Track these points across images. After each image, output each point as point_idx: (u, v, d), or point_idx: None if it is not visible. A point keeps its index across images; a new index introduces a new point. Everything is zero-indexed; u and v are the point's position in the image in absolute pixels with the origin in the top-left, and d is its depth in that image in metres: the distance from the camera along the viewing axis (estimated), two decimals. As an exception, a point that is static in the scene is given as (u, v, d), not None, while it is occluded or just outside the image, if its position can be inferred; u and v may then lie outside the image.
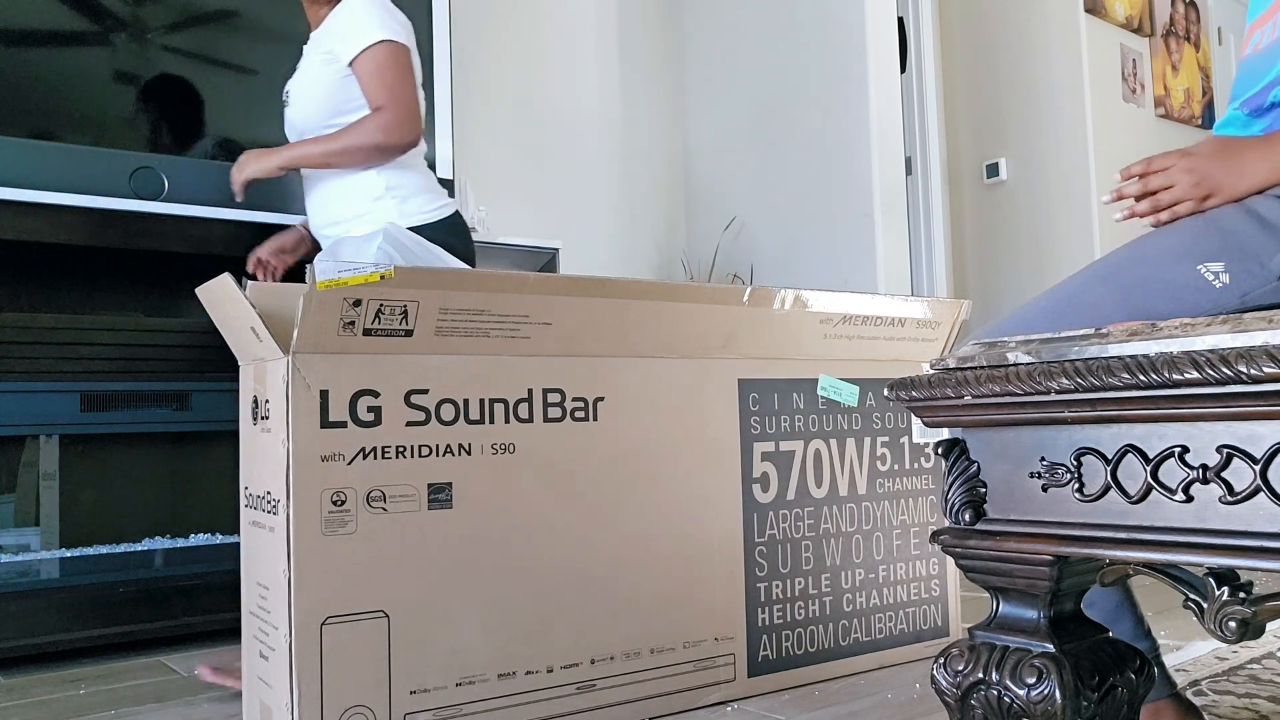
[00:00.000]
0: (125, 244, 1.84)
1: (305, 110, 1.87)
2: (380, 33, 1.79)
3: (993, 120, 3.91)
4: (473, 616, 1.33)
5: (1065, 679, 0.71)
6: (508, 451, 1.38)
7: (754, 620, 1.58)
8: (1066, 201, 3.71)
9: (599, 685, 1.43)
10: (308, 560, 1.23)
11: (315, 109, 1.85)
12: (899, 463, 1.76)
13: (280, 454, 1.25)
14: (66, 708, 1.64)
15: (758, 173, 3.46)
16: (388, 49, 1.80)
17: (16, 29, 2.14)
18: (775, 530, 1.61)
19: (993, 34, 3.91)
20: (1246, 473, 0.63)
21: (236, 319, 1.36)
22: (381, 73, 1.79)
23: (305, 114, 1.87)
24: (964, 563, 0.79)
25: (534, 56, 3.35)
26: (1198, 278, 1.05)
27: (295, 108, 1.89)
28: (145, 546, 2.18)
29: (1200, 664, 1.62)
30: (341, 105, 1.83)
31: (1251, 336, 0.62)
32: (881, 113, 3.14)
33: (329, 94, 1.83)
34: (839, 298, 1.64)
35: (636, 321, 1.47)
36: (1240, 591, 0.67)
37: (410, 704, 1.28)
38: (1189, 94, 4.29)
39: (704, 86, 3.66)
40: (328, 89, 1.83)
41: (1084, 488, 0.71)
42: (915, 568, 1.76)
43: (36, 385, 1.99)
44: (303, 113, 1.87)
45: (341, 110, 1.83)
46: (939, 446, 0.81)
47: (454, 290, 1.31)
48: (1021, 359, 0.73)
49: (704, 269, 3.56)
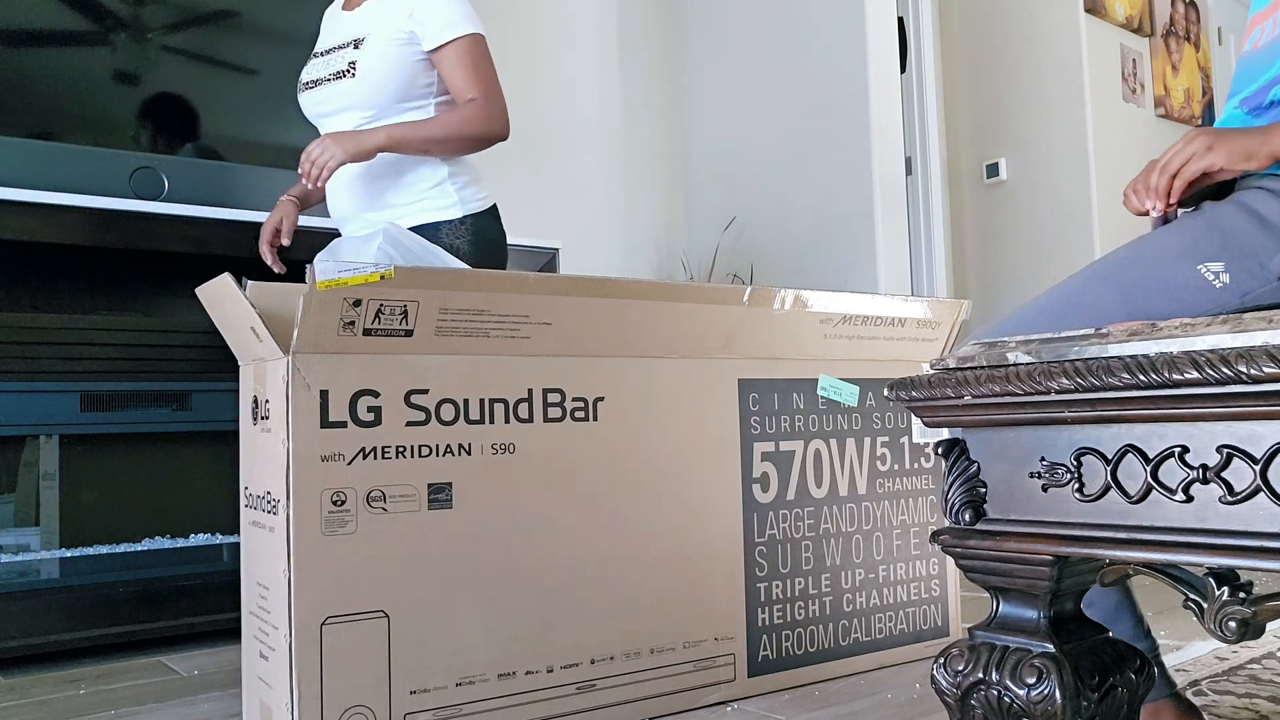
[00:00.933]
0: (125, 244, 1.84)
1: (373, 87, 1.81)
2: (471, 24, 1.81)
3: (993, 120, 3.91)
4: (473, 616, 1.33)
5: (1065, 679, 0.71)
6: (508, 451, 1.38)
7: (754, 620, 1.58)
8: (1066, 201, 3.71)
9: (599, 685, 1.43)
10: (308, 560, 1.23)
11: (387, 88, 1.81)
12: (899, 463, 1.76)
13: (280, 454, 1.25)
14: (66, 708, 1.63)
15: (758, 173, 3.46)
16: (479, 41, 1.82)
17: (16, 29, 2.14)
18: (775, 530, 1.61)
19: (993, 34, 3.91)
20: (1246, 473, 0.63)
21: (236, 319, 1.36)
22: (477, 65, 1.81)
23: (371, 92, 1.81)
24: (964, 563, 0.79)
25: (534, 56, 3.35)
26: (1198, 278, 1.05)
27: (362, 82, 1.81)
28: (145, 546, 2.19)
29: (1200, 664, 1.62)
30: (413, 89, 1.81)
31: (1251, 336, 0.62)
32: (881, 113, 3.14)
33: (405, 76, 1.80)
34: (839, 298, 1.64)
35: (636, 321, 1.47)
36: (1240, 591, 0.67)
37: (410, 704, 1.28)
38: (1189, 94, 4.29)
39: (704, 86, 3.66)
40: (406, 70, 1.80)
41: (1084, 488, 0.71)
42: (915, 568, 1.76)
43: (36, 385, 1.99)
44: (370, 90, 1.81)
45: (411, 94, 1.81)
46: (939, 446, 0.81)
47: (454, 290, 1.31)
48: (1021, 359, 0.73)
49: (704, 269, 3.56)
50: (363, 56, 1.82)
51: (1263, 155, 1.04)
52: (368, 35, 1.83)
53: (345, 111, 1.85)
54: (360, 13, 1.88)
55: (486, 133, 1.83)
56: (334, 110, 1.86)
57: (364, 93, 1.82)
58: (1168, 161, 1.09)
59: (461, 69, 1.80)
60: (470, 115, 1.80)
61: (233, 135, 2.37)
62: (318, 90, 1.88)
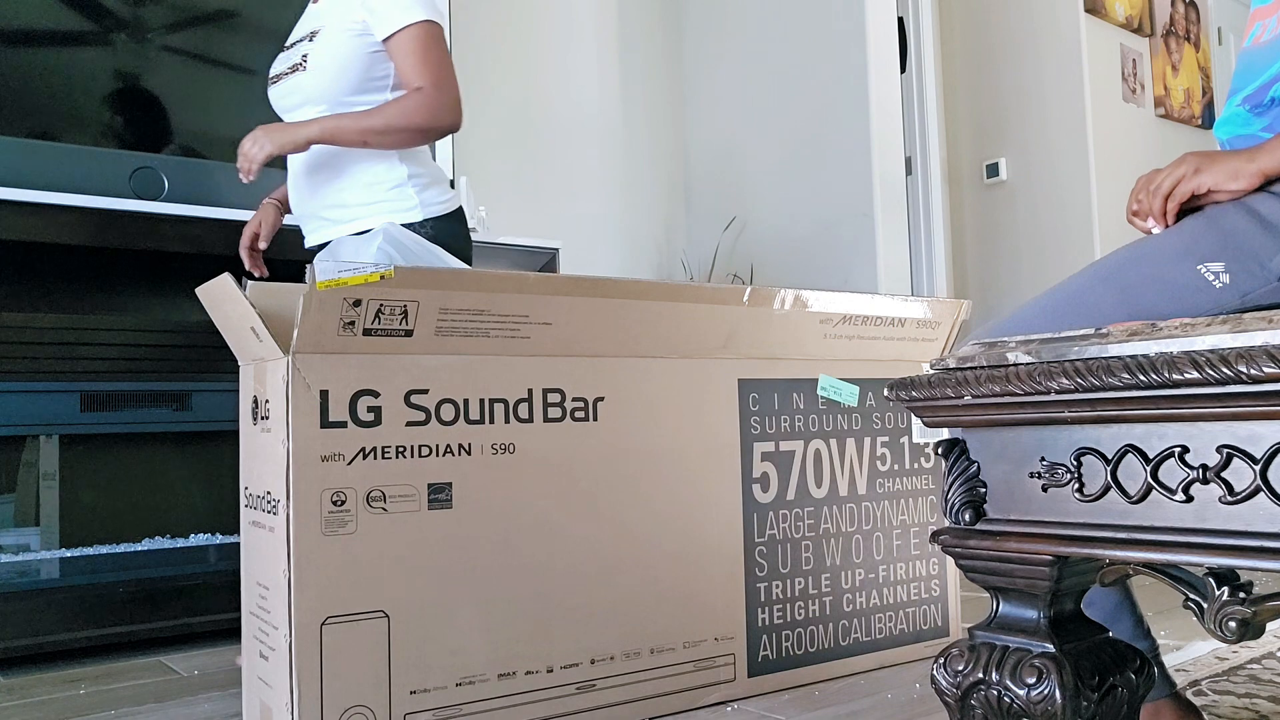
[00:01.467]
0: (125, 244, 1.84)
1: (326, 80, 1.77)
2: (424, 11, 1.75)
3: (993, 120, 3.91)
4: (473, 616, 1.33)
5: (1065, 679, 0.71)
6: (508, 451, 1.38)
7: (754, 620, 1.58)
8: (1066, 201, 3.71)
9: (599, 685, 1.43)
10: (308, 560, 1.23)
11: (340, 81, 1.76)
12: (899, 463, 1.76)
13: (280, 454, 1.25)
14: (66, 708, 1.64)
15: (758, 173, 3.46)
16: (431, 29, 1.75)
17: (16, 29, 2.14)
18: (775, 530, 1.61)
19: (993, 34, 3.91)
20: (1246, 473, 0.63)
21: (236, 319, 1.36)
22: (426, 53, 1.73)
23: (324, 85, 1.77)
24: (964, 563, 0.79)
25: (534, 56, 3.35)
26: (1198, 278, 1.05)
27: (314, 75, 1.77)
28: (145, 546, 2.19)
29: (1200, 664, 1.62)
30: (368, 81, 1.77)
31: (1251, 336, 0.62)
32: (881, 113, 3.14)
33: (359, 68, 1.76)
34: (839, 298, 1.64)
35: (636, 321, 1.47)
36: (1240, 591, 0.67)
37: (410, 704, 1.28)
38: (1189, 94, 4.29)
39: (704, 86, 3.66)
40: (359, 63, 1.76)
41: (1084, 488, 0.71)
42: (915, 568, 1.76)
43: (36, 385, 1.99)
44: (323, 83, 1.77)
45: (366, 87, 1.77)
46: (939, 446, 0.81)
47: (454, 290, 1.31)
48: (1021, 359, 0.73)
49: (704, 269, 3.56)
50: (314, 49, 1.77)
51: (1250, 174, 1.05)
52: (323, 28, 1.78)
53: (303, 106, 1.79)
54: (322, 4, 1.83)
55: (432, 123, 1.74)
56: (294, 105, 1.81)
57: (316, 86, 1.77)
58: (1159, 185, 1.10)
59: (411, 56, 1.73)
60: (415, 104, 1.72)
61: (233, 135, 2.35)
62: (280, 84, 1.84)
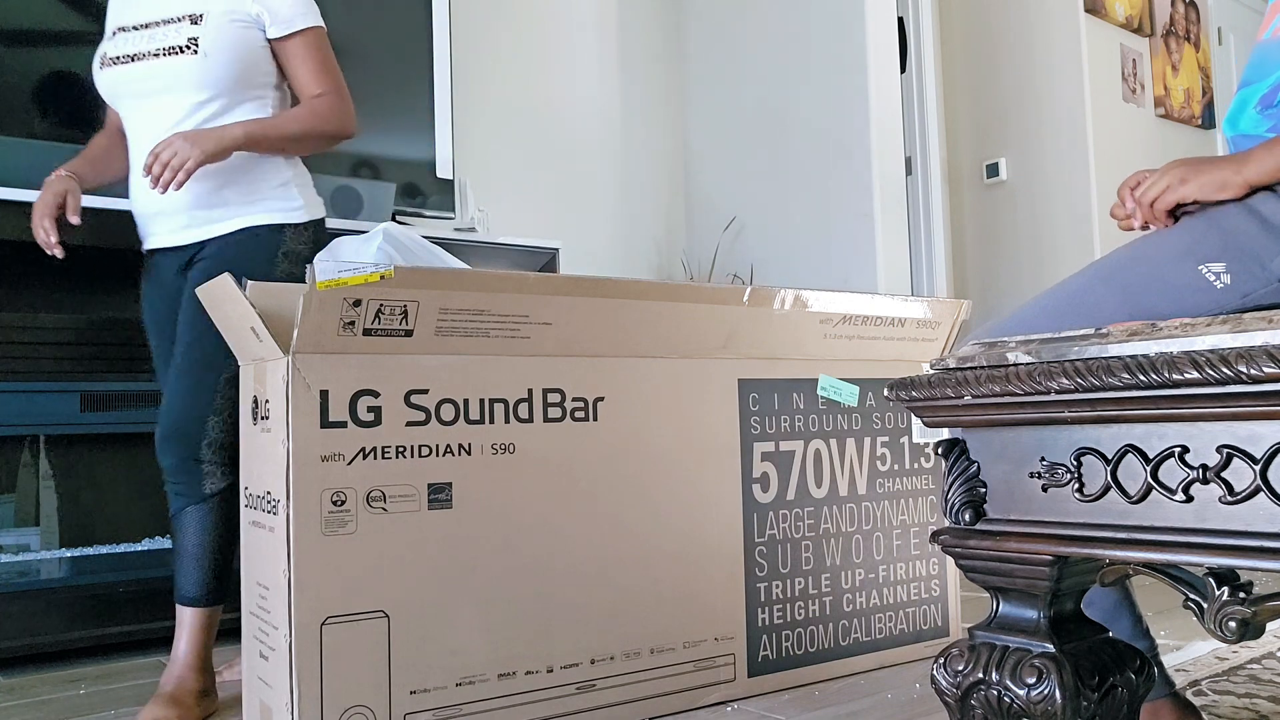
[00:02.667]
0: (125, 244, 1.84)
1: (219, 67, 1.67)
2: (317, 17, 1.75)
3: (993, 120, 3.91)
4: (473, 616, 1.33)
5: (1065, 679, 0.71)
6: (508, 451, 1.37)
7: (754, 620, 1.58)
8: (1066, 201, 3.71)
9: (599, 685, 1.43)
10: (308, 560, 1.23)
11: (232, 69, 1.69)
12: (899, 463, 1.76)
13: (280, 454, 1.25)
14: (66, 708, 1.63)
15: (758, 173, 3.46)
16: (323, 34, 1.75)
17: (16, 29, 2.14)
18: (775, 530, 1.61)
19: (993, 34, 3.91)
20: (1246, 473, 0.63)
21: (236, 319, 1.36)
22: (325, 59, 1.74)
23: (217, 71, 1.67)
24: (964, 563, 0.79)
25: (534, 56, 3.35)
26: (1198, 278, 1.05)
27: (206, 61, 1.67)
28: (145, 546, 2.18)
29: (1200, 664, 1.62)
30: (255, 75, 1.72)
31: (1251, 336, 0.62)
32: (881, 113, 3.14)
33: (250, 60, 1.71)
34: (839, 298, 1.64)
35: (636, 321, 1.47)
36: (1240, 591, 0.67)
37: (410, 704, 1.28)
38: (1189, 94, 4.29)
39: (704, 86, 3.66)
40: (250, 55, 1.70)
41: (1084, 488, 0.71)
42: (915, 568, 1.76)
43: (36, 385, 1.99)
44: (215, 69, 1.67)
45: (254, 81, 1.72)
46: (939, 446, 0.81)
47: (454, 290, 1.31)
48: (1021, 359, 0.73)
49: (704, 269, 3.56)
50: (205, 33, 1.67)
51: (1237, 184, 1.05)
52: (206, 12, 1.69)
53: (176, 91, 1.68)
54: None
55: (340, 130, 1.74)
56: (160, 89, 1.69)
57: (207, 72, 1.67)
58: (1144, 194, 1.10)
59: (310, 62, 1.72)
60: (325, 112, 1.72)
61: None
62: (138, 65, 1.70)
